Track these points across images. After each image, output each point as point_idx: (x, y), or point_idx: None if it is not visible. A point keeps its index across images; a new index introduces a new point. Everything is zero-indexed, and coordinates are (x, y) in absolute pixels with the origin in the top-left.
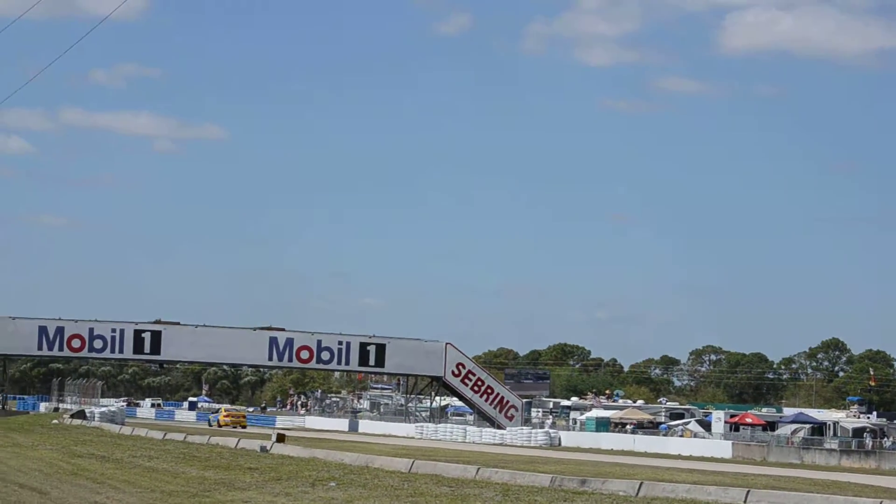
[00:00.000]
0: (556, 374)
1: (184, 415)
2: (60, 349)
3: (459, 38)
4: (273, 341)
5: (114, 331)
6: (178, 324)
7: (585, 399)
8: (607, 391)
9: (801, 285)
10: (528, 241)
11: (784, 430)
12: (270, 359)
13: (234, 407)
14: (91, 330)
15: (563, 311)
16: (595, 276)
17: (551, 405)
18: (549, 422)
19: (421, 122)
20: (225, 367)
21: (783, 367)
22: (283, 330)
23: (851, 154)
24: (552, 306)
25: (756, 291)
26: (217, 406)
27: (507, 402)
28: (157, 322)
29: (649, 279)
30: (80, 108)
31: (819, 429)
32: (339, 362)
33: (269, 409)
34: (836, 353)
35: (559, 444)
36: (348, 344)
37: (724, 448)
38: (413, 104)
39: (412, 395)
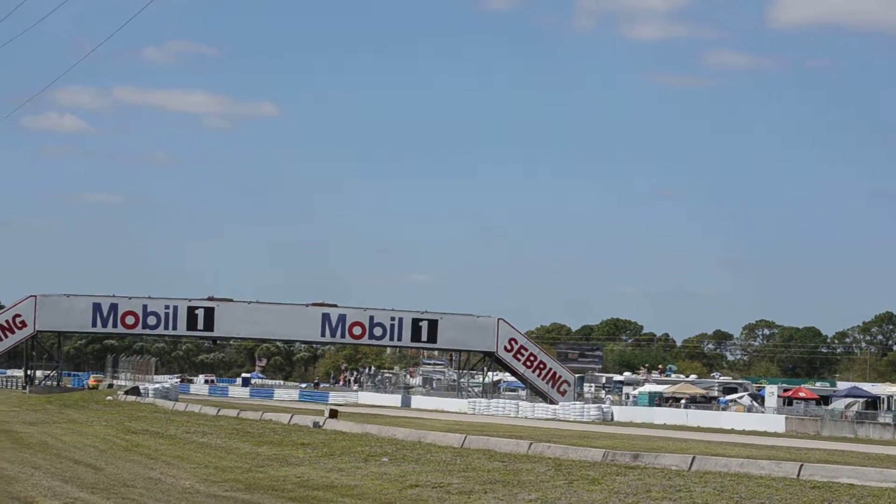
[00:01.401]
0: (608, 350)
1: (237, 391)
2: (114, 326)
3: (509, 14)
4: (326, 317)
5: (167, 307)
6: (230, 300)
7: (638, 374)
8: (660, 366)
9: (854, 259)
10: (579, 216)
11: (838, 404)
12: (323, 335)
13: (99, 374)
14: (145, 307)
15: (616, 286)
16: (647, 251)
17: (604, 380)
18: (608, 398)
19: (470, 97)
20: (278, 343)
21: (836, 341)
22: (335, 306)
23: None
24: (604, 281)
25: (809, 265)
26: (270, 382)
27: (560, 377)
28: (210, 299)
29: (701, 253)
30: (132, 86)
31: (873, 403)
32: (391, 338)
33: (322, 385)
34: (890, 326)
35: (612, 419)
36: (401, 320)
37: (777, 422)
38: (462, 79)
39: (464, 371)
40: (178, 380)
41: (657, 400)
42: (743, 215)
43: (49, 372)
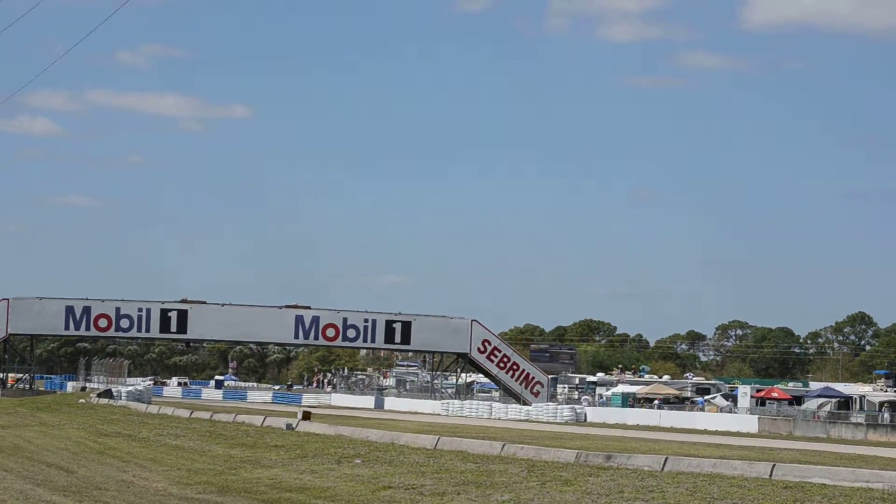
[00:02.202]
0: (581, 350)
1: (211, 393)
2: (87, 329)
3: (482, 16)
4: (299, 319)
5: (140, 310)
6: (204, 303)
7: (611, 375)
8: (633, 367)
9: (827, 259)
10: (553, 218)
11: (810, 404)
12: (296, 337)
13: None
14: (118, 309)
15: (589, 287)
16: (620, 252)
17: (577, 381)
18: (585, 399)
19: (443, 99)
20: (251, 345)
21: (809, 341)
22: (308, 308)
23: (877, 128)
24: (578, 282)
25: (782, 266)
26: (243, 384)
27: (533, 378)
28: (184, 301)
29: (675, 255)
30: (105, 89)
31: (845, 403)
32: (364, 340)
33: (295, 387)
34: (863, 326)
35: (585, 420)
36: (374, 321)
37: (750, 423)
38: (435, 80)
39: (438, 372)
40: (151, 382)
41: (630, 401)
42: (716, 216)
43: (21, 375)
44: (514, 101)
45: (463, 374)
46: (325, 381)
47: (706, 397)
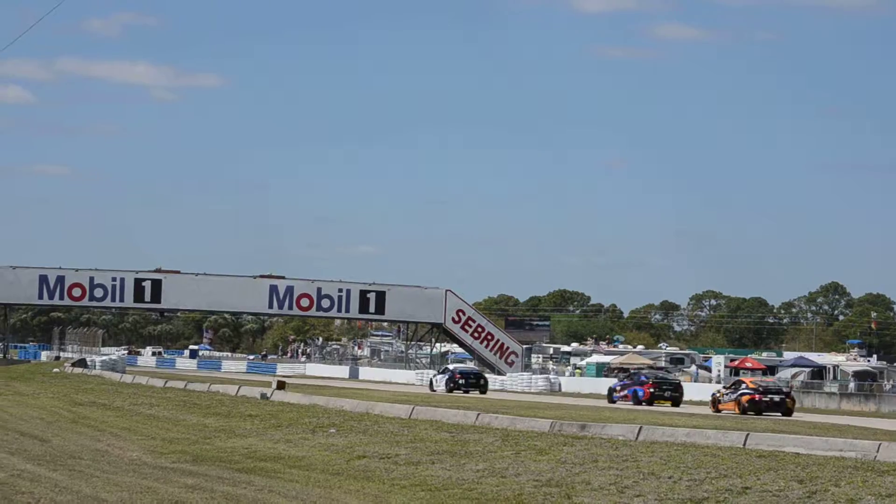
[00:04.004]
0: (556, 321)
1: (185, 363)
2: (61, 298)
3: None
4: (273, 289)
5: (114, 279)
6: (178, 272)
7: (586, 345)
8: (607, 337)
9: (800, 230)
10: (526, 188)
11: (784, 373)
12: (271, 307)
13: None
14: (91, 279)
15: (563, 257)
16: (594, 222)
17: (551, 351)
18: (554, 368)
19: (415, 70)
20: (226, 315)
21: (783, 311)
22: (283, 278)
23: (850, 99)
24: (552, 252)
25: (755, 236)
26: (218, 354)
27: (508, 348)
28: (158, 270)
29: (648, 225)
30: (76, 58)
31: (819, 372)
32: (339, 310)
33: (269, 357)
34: (836, 296)
35: (559, 390)
36: (348, 291)
37: None
38: (405, 51)
39: (412, 342)
40: (126, 352)
41: (605, 371)
42: (689, 187)
43: None
44: (483, 71)
45: (437, 344)
46: (300, 350)
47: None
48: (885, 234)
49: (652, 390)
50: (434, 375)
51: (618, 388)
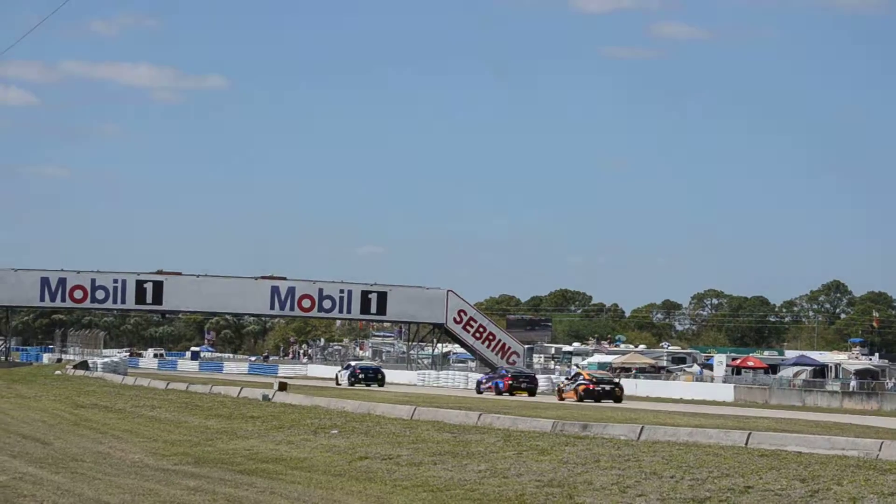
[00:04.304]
0: (557, 320)
1: (186, 364)
2: (63, 300)
3: None
4: (275, 290)
5: (116, 281)
6: (179, 274)
7: (587, 344)
8: (609, 336)
9: (801, 228)
10: (529, 187)
11: (786, 372)
12: (272, 308)
13: None
14: (93, 281)
15: (565, 257)
16: (596, 222)
17: (553, 351)
18: (561, 369)
19: (414, 70)
20: (227, 316)
21: (785, 309)
22: (284, 279)
23: (850, 98)
24: (553, 252)
25: (757, 235)
26: (220, 355)
27: (509, 348)
28: (159, 272)
29: (650, 224)
30: (79, 59)
31: (821, 371)
32: (340, 310)
33: (271, 358)
34: (838, 295)
35: None
36: (350, 292)
37: (726, 391)
38: (407, 53)
39: (414, 343)
40: (127, 354)
41: (607, 370)
42: (691, 186)
43: None
44: (488, 73)
45: (439, 345)
46: (301, 352)
47: (680, 367)
48: (886, 233)
49: (510, 382)
50: (339, 371)
51: (484, 381)
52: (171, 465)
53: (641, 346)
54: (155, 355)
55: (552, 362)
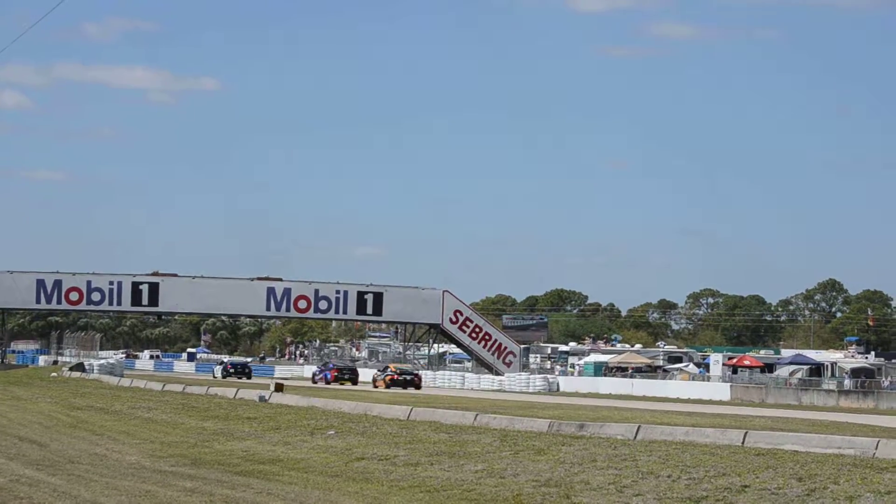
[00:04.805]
0: (553, 320)
1: (183, 366)
2: (58, 302)
3: None
4: (271, 291)
5: (111, 283)
6: (175, 275)
7: (583, 344)
8: (605, 336)
9: (797, 227)
10: (525, 188)
11: (782, 371)
12: (268, 309)
13: None
14: (89, 283)
15: (560, 257)
16: (592, 222)
17: (549, 351)
18: (558, 367)
19: (417, 69)
20: (223, 317)
21: (781, 308)
22: (280, 280)
23: (850, 96)
24: (549, 252)
25: (753, 234)
26: (216, 357)
27: (505, 348)
28: (155, 274)
29: (647, 223)
30: (73, 62)
31: (817, 370)
32: (336, 311)
33: (267, 359)
34: (834, 293)
35: (557, 390)
36: (346, 293)
37: (722, 391)
38: (408, 51)
39: (410, 343)
40: (124, 355)
41: (603, 370)
42: (687, 186)
43: None
44: (486, 72)
45: (435, 345)
46: (298, 352)
47: (676, 366)
48: (882, 231)
49: (336, 374)
50: (315, 370)
51: (317, 373)
52: (168, 467)
53: (638, 346)
54: (151, 357)
55: (549, 362)
